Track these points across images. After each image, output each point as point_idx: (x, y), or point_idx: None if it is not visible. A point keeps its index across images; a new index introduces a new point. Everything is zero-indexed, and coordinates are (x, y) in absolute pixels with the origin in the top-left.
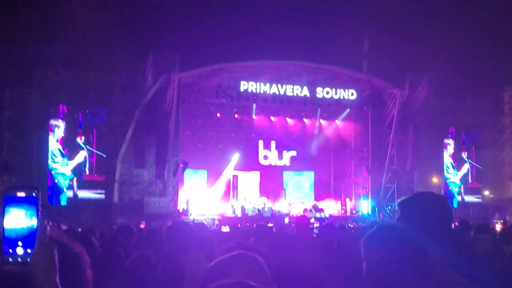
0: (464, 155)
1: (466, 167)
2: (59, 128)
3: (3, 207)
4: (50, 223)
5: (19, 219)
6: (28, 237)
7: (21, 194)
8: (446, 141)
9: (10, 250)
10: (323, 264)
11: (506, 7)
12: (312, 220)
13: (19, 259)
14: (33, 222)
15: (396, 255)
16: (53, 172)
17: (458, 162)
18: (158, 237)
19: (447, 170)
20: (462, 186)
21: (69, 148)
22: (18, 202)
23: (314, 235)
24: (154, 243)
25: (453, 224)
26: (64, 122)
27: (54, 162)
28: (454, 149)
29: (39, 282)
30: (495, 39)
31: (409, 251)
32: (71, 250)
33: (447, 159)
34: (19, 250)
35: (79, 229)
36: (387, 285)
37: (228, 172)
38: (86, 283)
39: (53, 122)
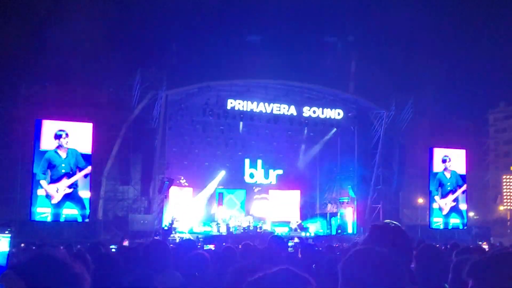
0: (455, 173)
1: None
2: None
3: None
4: (23, 245)
5: None
6: None
7: None
8: (436, 158)
9: None
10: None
11: (492, 30)
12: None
13: None
14: (4, 257)
15: (374, 281)
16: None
17: (444, 184)
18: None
19: (433, 191)
20: (447, 208)
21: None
22: None
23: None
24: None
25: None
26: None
27: (40, 178)
28: (446, 165)
29: None
30: (480, 62)
31: (387, 276)
32: (72, 270)
33: (433, 180)
34: None
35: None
36: None
37: (211, 188)
38: None
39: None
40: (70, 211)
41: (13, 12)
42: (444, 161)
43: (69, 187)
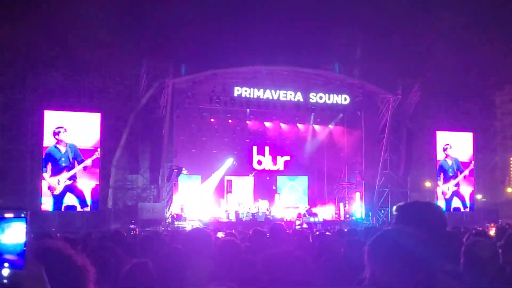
0: (456, 159)
1: (460, 172)
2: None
3: None
4: (32, 235)
5: (6, 240)
6: (16, 259)
7: (9, 215)
8: (439, 145)
9: None
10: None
11: (497, 13)
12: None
13: (5, 281)
14: (21, 243)
15: (402, 261)
16: (46, 179)
17: (446, 170)
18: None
19: (439, 174)
20: (449, 192)
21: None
22: (6, 223)
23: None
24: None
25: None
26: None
27: (47, 169)
28: (447, 153)
29: None
30: (486, 43)
31: (415, 257)
32: (75, 263)
33: (440, 164)
34: (5, 272)
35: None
36: None
37: (219, 175)
38: None
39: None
40: (70, 201)
41: (20, 2)
42: (445, 149)
43: (69, 179)
